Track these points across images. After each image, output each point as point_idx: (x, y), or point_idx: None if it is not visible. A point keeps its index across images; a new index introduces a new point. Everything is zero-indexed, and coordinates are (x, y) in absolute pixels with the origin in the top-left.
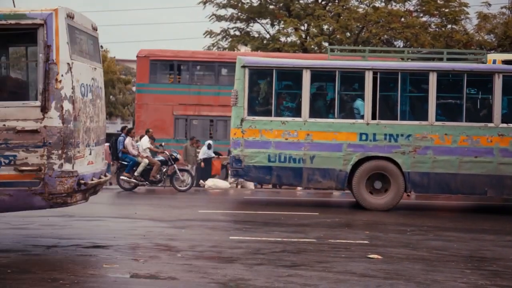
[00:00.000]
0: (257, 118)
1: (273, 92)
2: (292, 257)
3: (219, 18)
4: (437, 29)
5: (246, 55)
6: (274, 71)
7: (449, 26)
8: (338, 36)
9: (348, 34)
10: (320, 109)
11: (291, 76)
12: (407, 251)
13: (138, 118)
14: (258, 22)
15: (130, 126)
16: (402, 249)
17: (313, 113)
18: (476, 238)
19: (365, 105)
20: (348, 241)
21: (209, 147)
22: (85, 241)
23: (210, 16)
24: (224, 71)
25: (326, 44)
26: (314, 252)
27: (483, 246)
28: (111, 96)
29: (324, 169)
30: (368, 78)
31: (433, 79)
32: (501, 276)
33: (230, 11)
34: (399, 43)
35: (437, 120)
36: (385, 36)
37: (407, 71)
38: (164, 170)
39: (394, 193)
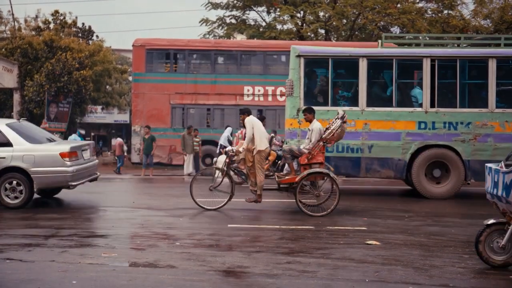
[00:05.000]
0: (313, 108)
1: (329, 81)
2: (290, 244)
3: (215, 6)
4: (433, 15)
5: (300, 44)
6: (330, 60)
7: (445, 11)
8: (334, 23)
9: (344, 20)
10: (377, 97)
11: (347, 65)
12: (405, 237)
13: (135, 107)
14: (254, 10)
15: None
16: (400, 235)
17: (371, 102)
18: (473, 223)
19: (423, 93)
20: (346, 227)
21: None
22: (83, 231)
23: (206, 4)
24: (220, 59)
25: (322, 31)
26: (312, 239)
27: None
28: (107, 86)
29: (383, 159)
30: (426, 65)
31: (492, 65)
32: None
33: None
34: (396, 29)
35: (497, 107)
36: (382, 22)
37: (465, 58)
38: None
39: (454, 181)
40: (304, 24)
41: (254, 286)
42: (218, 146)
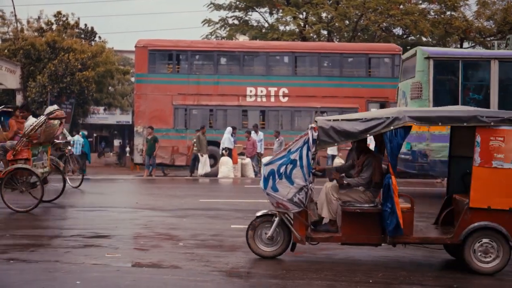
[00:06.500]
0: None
1: (459, 83)
2: None
3: (218, 7)
4: (436, 16)
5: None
6: (459, 62)
7: (448, 12)
8: (336, 24)
9: (347, 22)
10: (510, 100)
11: (478, 67)
12: None
13: (137, 108)
14: (256, 11)
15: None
16: None
17: (503, 105)
18: None
19: None
20: None
21: (232, 133)
22: (87, 231)
23: (209, 5)
24: (223, 60)
25: (324, 32)
26: None
27: None
28: (110, 87)
29: None
30: None
31: None
32: None
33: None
34: (398, 30)
35: None
36: (384, 23)
37: None
38: None
39: None
40: (307, 25)
41: (258, 286)
42: (221, 149)
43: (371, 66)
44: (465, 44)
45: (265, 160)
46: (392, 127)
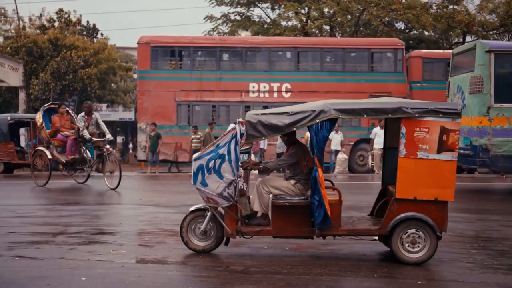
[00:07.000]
0: (505, 105)
1: None
2: (298, 240)
3: (220, 2)
4: (438, 10)
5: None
6: None
7: (450, 6)
8: (339, 19)
9: (349, 16)
10: None
11: None
12: None
13: (140, 105)
14: (258, 7)
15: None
16: None
17: None
18: (481, 218)
19: None
20: None
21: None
22: (91, 228)
23: (210, 1)
24: (225, 56)
25: (327, 27)
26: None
27: (489, 227)
28: (112, 84)
29: None
30: None
31: None
32: (507, 256)
33: None
34: (400, 25)
35: None
36: (386, 18)
37: None
38: None
39: None
40: (309, 21)
41: (263, 282)
42: None
43: (374, 61)
44: (468, 38)
45: (194, 155)
46: (318, 120)
